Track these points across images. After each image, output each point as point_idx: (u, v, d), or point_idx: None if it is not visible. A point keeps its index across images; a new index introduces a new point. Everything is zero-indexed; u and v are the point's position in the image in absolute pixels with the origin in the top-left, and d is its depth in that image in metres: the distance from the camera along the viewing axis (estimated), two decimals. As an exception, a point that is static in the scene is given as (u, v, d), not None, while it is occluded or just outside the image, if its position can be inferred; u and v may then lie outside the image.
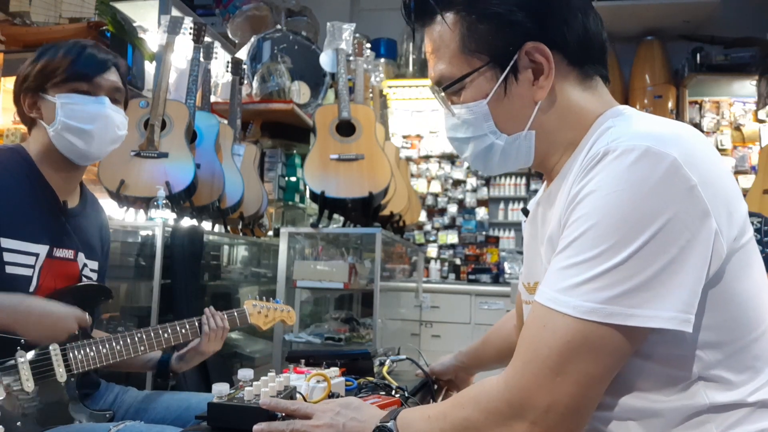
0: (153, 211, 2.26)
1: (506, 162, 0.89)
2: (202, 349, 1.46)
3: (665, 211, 0.68)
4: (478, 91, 0.85)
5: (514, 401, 0.73)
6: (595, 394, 0.72)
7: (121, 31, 2.81)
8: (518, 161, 0.89)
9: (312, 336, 2.70)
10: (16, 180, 1.29)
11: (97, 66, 1.34)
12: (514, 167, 0.91)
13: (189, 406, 1.40)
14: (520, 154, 0.88)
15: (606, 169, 0.72)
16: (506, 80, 0.84)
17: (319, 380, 1.12)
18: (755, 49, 4.33)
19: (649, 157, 0.70)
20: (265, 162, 3.28)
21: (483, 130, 0.87)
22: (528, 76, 0.84)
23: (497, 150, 0.88)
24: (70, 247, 1.35)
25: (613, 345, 0.70)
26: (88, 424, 1.23)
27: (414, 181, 5.37)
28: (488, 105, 0.85)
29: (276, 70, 3.15)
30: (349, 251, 3.05)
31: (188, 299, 2.34)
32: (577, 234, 0.73)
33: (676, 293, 0.69)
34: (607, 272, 0.70)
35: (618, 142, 0.72)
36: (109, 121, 1.35)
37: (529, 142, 0.87)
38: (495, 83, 0.84)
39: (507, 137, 0.86)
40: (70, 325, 1.24)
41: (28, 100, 1.33)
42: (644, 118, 0.81)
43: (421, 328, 4.63)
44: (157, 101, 2.41)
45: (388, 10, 5.56)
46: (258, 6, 3.84)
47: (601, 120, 0.84)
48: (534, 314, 0.76)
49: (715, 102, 4.87)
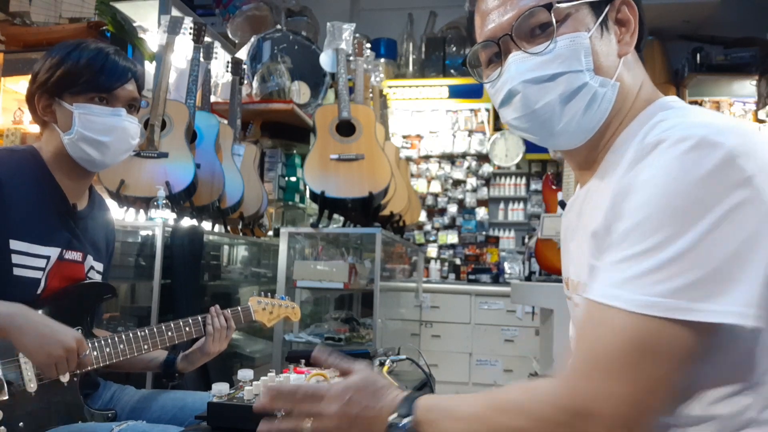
0: (153, 211, 2.26)
1: (586, 114, 0.81)
2: (207, 349, 1.45)
3: (723, 200, 0.64)
4: (580, 23, 0.80)
5: (571, 408, 0.67)
6: (660, 399, 0.66)
7: (121, 31, 2.81)
8: (595, 116, 0.82)
9: (312, 336, 2.71)
10: (29, 183, 1.29)
11: (118, 78, 1.33)
12: (583, 130, 0.83)
13: (185, 405, 1.40)
14: (602, 106, 0.81)
15: (660, 158, 0.68)
16: (604, 22, 0.81)
17: (319, 380, 1.12)
18: (755, 49, 4.33)
19: (704, 146, 0.66)
20: (265, 162, 3.28)
21: (581, 65, 0.79)
22: (615, 29, 0.83)
23: (587, 92, 0.80)
24: (80, 249, 1.35)
25: (677, 343, 0.64)
26: (89, 424, 1.24)
27: (414, 181, 5.36)
28: (590, 39, 0.80)
29: (276, 70, 3.15)
30: (349, 251, 3.05)
31: (188, 299, 2.34)
32: (630, 225, 0.68)
33: (744, 287, 0.64)
34: (666, 263, 0.64)
35: (672, 131, 0.69)
36: (125, 133, 1.35)
37: (613, 94, 0.81)
38: (594, 20, 0.81)
39: (601, 79, 0.80)
40: (68, 342, 1.17)
41: (43, 103, 1.32)
42: (698, 109, 0.79)
43: (421, 328, 4.63)
44: (157, 101, 2.41)
45: (388, 10, 5.56)
46: (258, 6, 3.84)
47: (651, 110, 0.82)
48: (588, 314, 0.71)
49: (715, 102, 4.87)
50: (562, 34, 0.80)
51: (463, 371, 4.61)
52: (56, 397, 1.19)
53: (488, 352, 4.60)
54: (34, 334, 1.14)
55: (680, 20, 4.51)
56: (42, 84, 1.31)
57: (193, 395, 1.45)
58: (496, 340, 4.58)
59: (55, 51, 1.33)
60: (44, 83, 1.31)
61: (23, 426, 1.13)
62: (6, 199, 1.22)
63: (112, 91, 1.32)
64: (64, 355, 1.16)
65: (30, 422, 1.14)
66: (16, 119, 2.80)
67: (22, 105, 2.80)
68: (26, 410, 1.14)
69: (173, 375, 1.48)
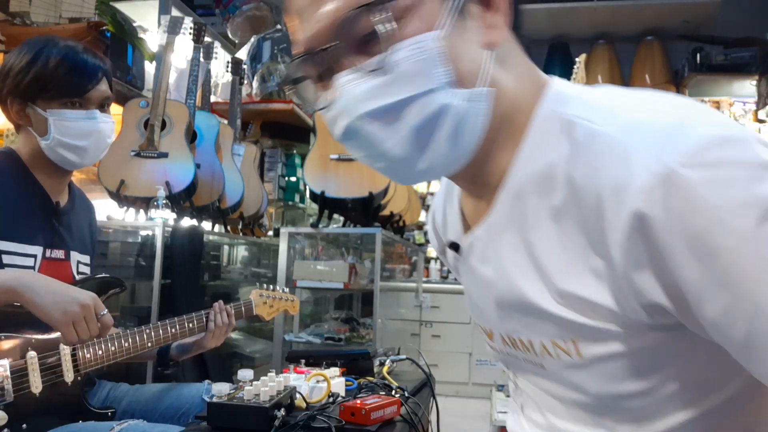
0: (153, 211, 2.26)
1: (454, 143, 0.59)
2: (204, 344, 1.47)
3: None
4: (426, 19, 0.56)
5: None
6: None
7: (121, 31, 2.81)
8: (467, 140, 0.59)
9: (312, 336, 2.71)
10: (11, 183, 1.29)
11: (88, 79, 1.31)
12: (453, 160, 0.61)
13: (180, 396, 1.41)
14: (475, 126, 0.59)
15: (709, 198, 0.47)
16: (460, 7, 0.58)
17: (319, 380, 1.13)
18: (755, 49, 4.33)
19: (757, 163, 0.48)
20: (265, 162, 3.28)
21: (434, 80, 0.56)
22: (477, 11, 0.59)
23: (451, 116, 0.57)
24: (62, 247, 1.36)
25: None
26: (90, 423, 1.23)
27: (414, 181, 5.36)
28: (444, 39, 0.56)
29: (276, 70, 3.15)
30: (349, 251, 3.05)
31: (188, 299, 2.34)
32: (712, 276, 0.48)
33: None
34: None
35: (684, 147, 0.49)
36: (101, 135, 1.35)
37: (487, 103, 0.58)
38: (442, 10, 0.57)
39: (467, 92, 0.57)
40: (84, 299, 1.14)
41: (16, 107, 1.31)
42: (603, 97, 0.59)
43: (421, 328, 4.63)
44: (157, 101, 2.41)
45: (388, 10, 5.56)
46: (258, 6, 3.84)
47: (547, 113, 0.60)
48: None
49: (715, 102, 4.87)
50: (401, 39, 0.56)
51: (463, 371, 4.61)
52: (60, 398, 1.19)
53: (488, 352, 4.57)
54: (46, 292, 1.11)
55: (680, 20, 4.50)
56: (13, 89, 1.30)
57: (189, 387, 1.46)
58: (496, 340, 4.58)
59: (21, 52, 1.30)
60: (15, 88, 1.29)
61: (26, 428, 1.13)
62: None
63: (84, 95, 1.31)
64: (81, 312, 1.13)
65: (33, 423, 1.14)
66: (16, 119, 2.79)
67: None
68: (30, 411, 1.14)
69: (167, 363, 1.49)
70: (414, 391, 1.33)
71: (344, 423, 0.98)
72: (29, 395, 1.13)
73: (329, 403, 1.08)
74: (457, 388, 4.56)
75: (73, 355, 1.20)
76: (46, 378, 1.16)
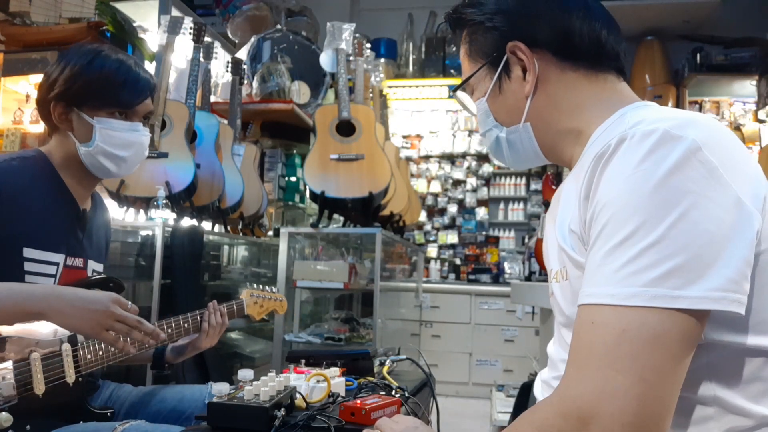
0: (153, 211, 2.26)
1: (517, 153, 0.96)
2: (199, 345, 1.48)
3: (691, 190, 0.66)
4: (480, 91, 0.97)
5: (572, 412, 0.66)
6: (667, 393, 0.65)
7: (121, 31, 2.82)
8: (527, 152, 0.95)
9: (312, 336, 2.71)
10: (43, 190, 1.29)
11: (139, 93, 1.34)
12: (528, 160, 0.98)
13: (183, 398, 1.41)
14: (524, 145, 0.94)
15: (625, 154, 0.70)
16: (500, 79, 0.93)
17: (319, 380, 1.13)
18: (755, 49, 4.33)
19: (668, 139, 0.68)
20: (265, 162, 3.28)
21: (488, 124, 0.97)
22: (518, 74, 0.92)
23: (502, 141, 0.96)
24: (81, 255, 1.36)
25: (672, 332, 0.64)
26: (92, 424, 1.24)
27: (414, 181, 5.37)
28: (487, 102, 0.96)
29: (276, 70, 3.15)
30: (349, 251, 3.05)
31: (188, 299, 2.34)
32: (603, 222, 0.70)
33: (723, 272, 0.65)
34: (642, 253, 0.66)
35: (635, 128, 0.72)
36: (142, 147, 1.38)
37: (527, 133, 0.93)
38: (491, 83, 0.94)
39: (506, 129, 0.95)
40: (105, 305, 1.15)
41: (59, 110, 1.30)
42: (659, 107, 0.83)
43: (421, 328, 4.63)
44: (157, 101, 2.41)
45: (388, 10, 5.56)
46: (258, 6, 3.84)
47: (619, 113, 0.85)
48: (579, 318, 0.71)
49: (715, 102, 4.87)
50: (475, 102, 0.99)
51: (463, 371, 4.61)
52: (62, 398, 1.19)
53: (488, 352, 4.61)
54: (72, 311, 1.12)
55: (680, 20, 4.50)
56: (61, 93, 1.29)
57: (191, 388, 1.46)
58: (496, 340, 4.59)
59: (73, 58, 1.30)
60: (64, 92, 1.29)
61: (30, 429, 1.13)
62: (22, 209, 1.22)
63: (133, 107, 1.34)
64: (110, 318, 1.14)
65: (37, 424, 1.14)
66: (16, 119, 2.79)
67: (22, 105, 2.80)
68: (33, 412, 1.14)
69: (163, 366, 1.50)
70: (414, 391, 1.33)
71: (344, 423, 0.98)
72: (32, 396, 1.12)
73: (329, 403, 1.08)
74: (457, 388, 4.57)
75: (74, 355, 1.20)
76: (49, 379, 1.16)
